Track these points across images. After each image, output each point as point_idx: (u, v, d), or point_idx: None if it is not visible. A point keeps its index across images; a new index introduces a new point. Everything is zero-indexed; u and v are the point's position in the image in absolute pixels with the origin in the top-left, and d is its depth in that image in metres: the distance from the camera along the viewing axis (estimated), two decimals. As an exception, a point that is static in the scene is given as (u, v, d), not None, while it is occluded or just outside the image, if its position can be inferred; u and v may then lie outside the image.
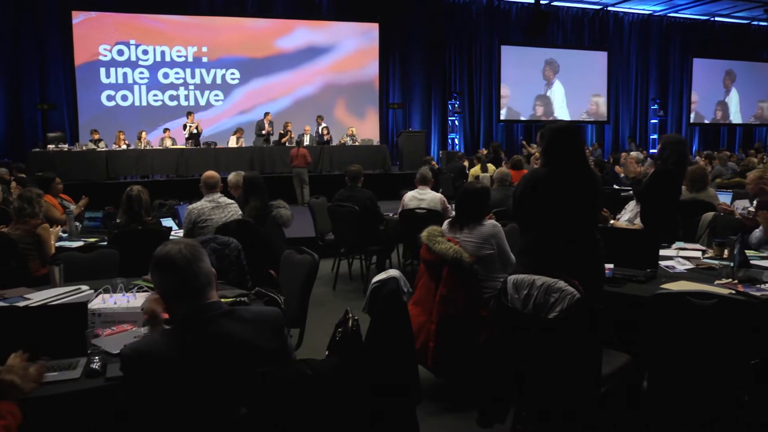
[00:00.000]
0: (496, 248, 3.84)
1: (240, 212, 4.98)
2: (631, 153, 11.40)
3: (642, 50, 21.17)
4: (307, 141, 13.39)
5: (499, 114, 19.09)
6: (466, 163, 12.05)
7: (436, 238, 3.65)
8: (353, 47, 17.12)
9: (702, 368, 2.68)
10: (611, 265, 3.50)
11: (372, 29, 17.27)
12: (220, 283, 3.37)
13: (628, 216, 5.02)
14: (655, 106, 20.74)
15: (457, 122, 18.13)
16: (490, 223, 3.96)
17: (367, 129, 16.51)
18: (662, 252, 3.94)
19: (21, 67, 14.48)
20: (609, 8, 20.30)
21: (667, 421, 2.81)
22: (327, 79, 16.76)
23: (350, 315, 2.42)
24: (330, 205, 6.51)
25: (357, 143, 14.26)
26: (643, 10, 20.65)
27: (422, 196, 6.16)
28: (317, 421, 1.94)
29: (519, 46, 19.16)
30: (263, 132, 13.67)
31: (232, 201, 5.05)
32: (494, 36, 18.95)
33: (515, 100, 19.36)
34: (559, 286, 2.66)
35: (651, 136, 20.86)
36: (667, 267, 3.72)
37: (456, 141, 18.07)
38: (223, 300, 2.95)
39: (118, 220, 4.83)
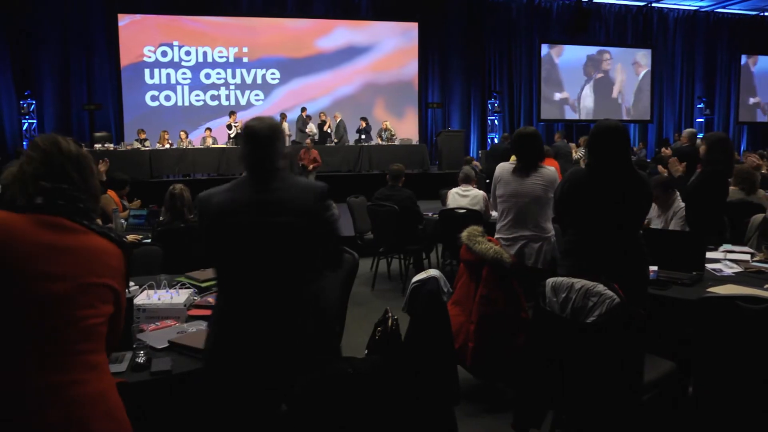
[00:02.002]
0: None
1: None
2: (663, 150, 11.17)
3: (688, 47, 20.67)
4: (351, 140, 13.60)
5: (539, 113, 18.88)
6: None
7: (476, 238, 3.63)
8: (392, 47, 17.14)
9: (751, 376, 2.60)
10: (655, 268, 3.43)
11: (411, 28, 17.26)
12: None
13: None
14: (701, 105, 20.24)
15: (496, 121, 17.98)
16: (552, 168, 4.04)
17: (406, 128, 16.50)
18: (709, 254, 3.84)
19: (70, 69, 14.89)
20: (653, 4, 19.89)
21: (713, 430, 2.74)
22: (366, 79, 16.81)
23: (390, 314, 2.43)
24: (369, 205, 6.53)
25: (395, 142, 14.28)
26: (690, 6, 20.16)
27: (465, 194, 6.15)
28: (357, 420, 1.94)
29: (560, 44, 18.92)
30: (307, 130, 13.79)
31: None
32: (535, 34, 18.74)
33: (556, 99, 19.12)
34: (598, 290, 2.61)
35: (697, 136, 20.32)
36: (713, 270, 3.63)
37: (495, 140, 17.94)
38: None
39: (161, 218, 4.93)
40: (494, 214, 4.83)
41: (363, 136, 14.38)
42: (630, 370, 2.60)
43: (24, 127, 14.26)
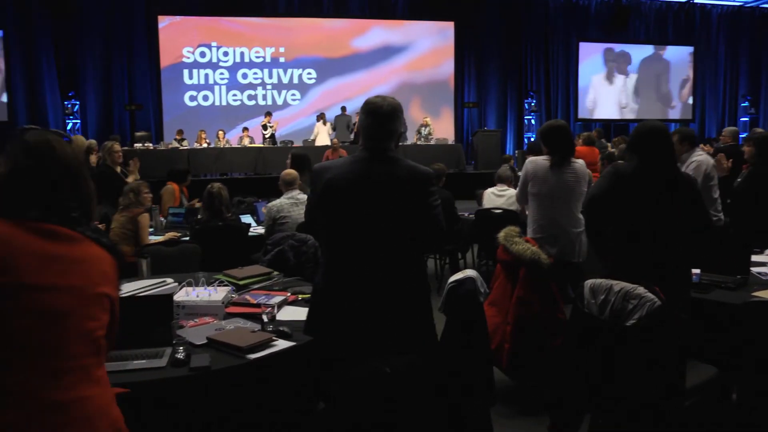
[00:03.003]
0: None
1: None
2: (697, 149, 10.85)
3: (731, 44, 20.15)
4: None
5: (576, 112, 18.63)
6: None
7: (513, 238, 3.59)
8: (428, 46, 17.11)
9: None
10: (698, 270, 3.35)
11: (447, 28, 17.19)
12: (297, 279, 3.44)
13: None
14: (746, 103, 19.72)
15: (533, 121, 17.80)
16: (582, 162, 4.06)
17: (442, 128, 16.45)
18: (754, 257, 3.73)
19: (111, 70, 15.23)
20: (695, 1, 19.45)
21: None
22: (402, 78, 16.81)
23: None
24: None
25: (431, 141, 14.24)
26: (733, 1, 19.67)
27: (501, 193, 6.11)
28: (392, 420, 1.94)
29: (598, 42, 18.63)
30: (350, 128, 13.85)
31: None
32: (572, 32, 18.49)
33: (594, 98, 18.85)
34: (638, 293, 2.56)
35: (741, 135, 19.82)
36: (759, 273, 3.53)
37: (532, 140, 17.75)
38: (300, 296, 3.02)
39: (199, 216, 5.01)
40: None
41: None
42: (671, 375, 2.55)
43: (68, 127, 14.63)
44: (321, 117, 13.97)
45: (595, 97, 18.89)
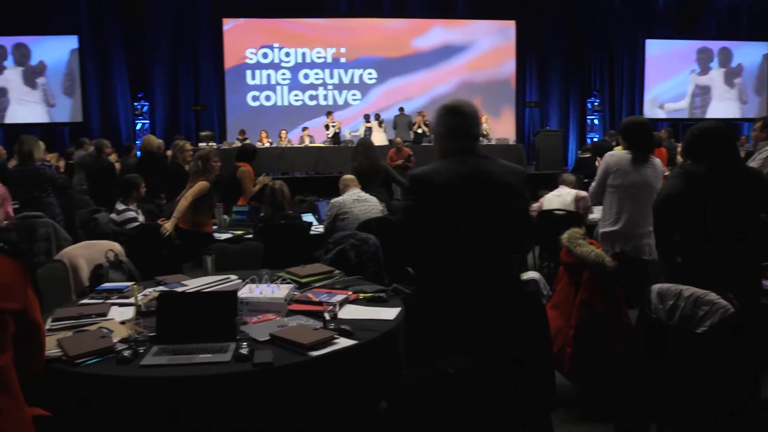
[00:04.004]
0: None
1: (380, 207, 5.13)
2: None
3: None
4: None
5: (642, 112, 18.11)
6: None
7: (577, 240, 3.52)
8: (489, 45, 16.96)
9: None
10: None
11: (509, 27, 17.00)
12: (358, 278, 3.46)
13: None
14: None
15: (596, 121, 17.41)
16: (658, 159, 4.00)
17: (502, 128, 16.28)
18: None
19: (178, 72, 15.79)
20: (771, -4, 18.64)
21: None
22: (463, 78, 16.72)
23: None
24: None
25: (492, 141, 14.10)
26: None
27: (558, 194, 6.05)
28: (454, 420, 1.93)
29: (666, 39, 18.04)
30: (415, 127, 13.87)
31: (372, 197, 5.21)
32: (638, 29, 17.96)
33: (661, 97, 18.28)
34: (710, 299, 2.47)
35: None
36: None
37: (595, 140, 17.37)
38: (361, 295, 3.04)
39: (262, 214, 5.12)
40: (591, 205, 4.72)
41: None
42: (743, 385, 2.45)
43: (137, 127, 15.19)
44: (377, 117, 14.02)
45: (662, 95, 18.31)
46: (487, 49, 16.95)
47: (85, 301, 3.14)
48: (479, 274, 2.29)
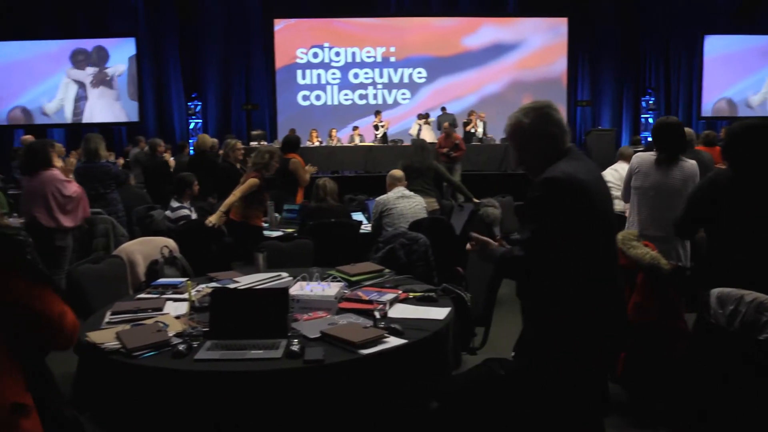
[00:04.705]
0: None
1: (424, 204, 5.17)
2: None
3: None
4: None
5: (699, 110, 17.55)
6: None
7: (631, 242, 3.44)
8: (540, 43, 16.72)
9: None
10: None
11: (560, 24, 16.72)
12: (408, 278, 3.46)
13: None
14: None
15: (651, 119, 16.97)
16: (693, 162, 3.85)
17: (553, 127, 16.01)
18: None
19: (231, 72, 16.10)
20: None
21: None
22: (513, 77, 16.53)
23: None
24: (518, 205, 6.43)
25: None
26: None
27: (615, 169, 5.98)
28: (504, 423, 1.91)
29: (726, 35, 17.43)
30: (469, 127, 13.83)
31: (417, 195, 5.26)
32: (696, 25, 17.42)
33: (720, 95, 17.68)
34: (775, 304, 2.38)
35: None
36: None
37: (650, 140, 16.93)
38: (411, 294, 3.04)
39: (312, 203, 5.39)
40: (620, 205, 4.60)
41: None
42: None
43: (191, 126, 15.56)
44: (424, 116, 14.01)
45: (719, 94, 17.72)
46: (538, 47, 16.72)
47: (142, 295, 3.22)
48: (620, 283, 2.23)
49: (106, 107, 15.35)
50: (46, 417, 1.63)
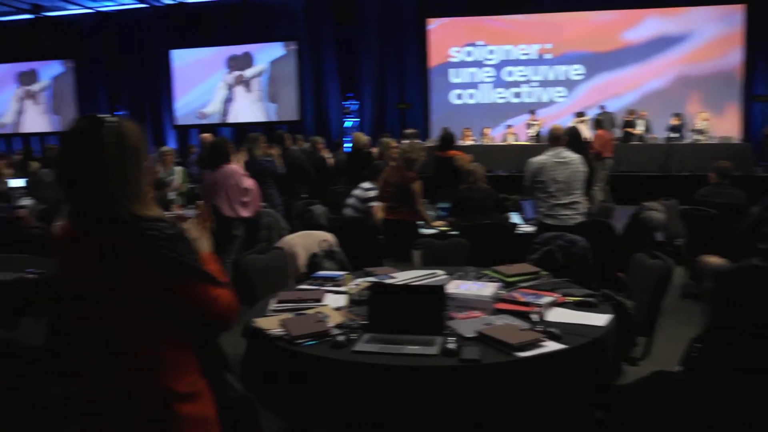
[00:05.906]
0: None
1: (583, 168, 4.90)
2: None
3: None
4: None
5: None
6: None
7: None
8: (711, 34, 15.43)
9: None
10: None
11: (735, 12, 15.32)
12: (566, 281, 3.33)
13: None
14: None
15: (843, 116, 15.15)
16: None
17: (725, 125, 14.76)
18: None
19: (385, 72, 16.54)
20: None
21: None
22: (679, 71, 15.43)
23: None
24: (684, 208, 5.99)
25: (713, 140, 12.90)
26: None
27: None
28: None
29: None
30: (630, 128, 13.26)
31: (577, 156, 4.96)
32: None
33: None
34: None
35: None
36: None
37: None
38: (569, 299, 2.94)
39: (462, 187, 5.56)
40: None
41: (676, 134, 13.23)
42: None
43: (347, 125, 16.19)
44: (580, 115, 13.51)
45: None
46: (709, 38, 15.45)
47: (303, 286, 3.38)
48: None
49: (250, 107, 17.03)
50: (220, 399, 1.73)
